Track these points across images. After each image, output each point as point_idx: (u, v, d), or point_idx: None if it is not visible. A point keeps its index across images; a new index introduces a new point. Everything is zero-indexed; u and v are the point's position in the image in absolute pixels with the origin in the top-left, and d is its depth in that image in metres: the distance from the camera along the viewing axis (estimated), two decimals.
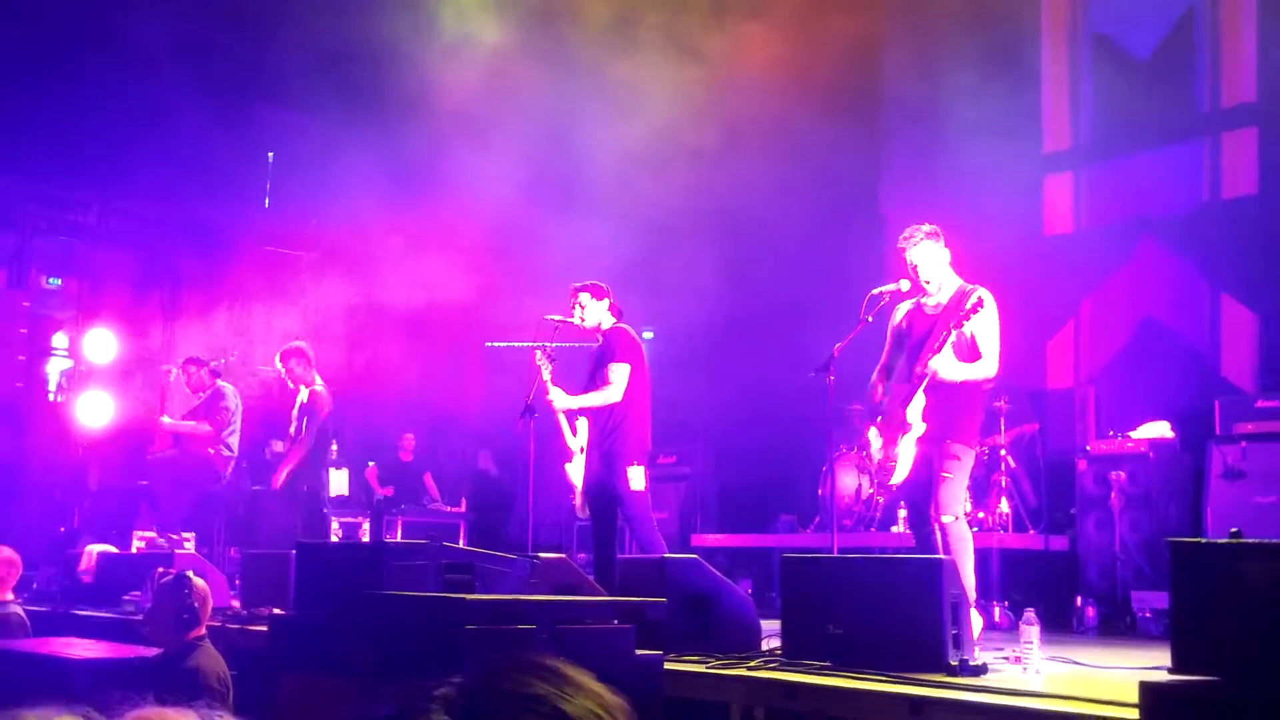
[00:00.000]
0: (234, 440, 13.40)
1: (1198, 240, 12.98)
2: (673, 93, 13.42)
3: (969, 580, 7.64)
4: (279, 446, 13.46)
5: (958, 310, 7.96)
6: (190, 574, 7.43)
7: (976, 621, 7.62)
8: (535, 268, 13.88)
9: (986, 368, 8.02)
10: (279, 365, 13.07)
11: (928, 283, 8.28)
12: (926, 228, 8.33)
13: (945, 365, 7.90)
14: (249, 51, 15.44)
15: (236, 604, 10.14)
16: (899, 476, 8.12)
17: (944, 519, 7.91)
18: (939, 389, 7.96)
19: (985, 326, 7.99)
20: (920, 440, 8.04)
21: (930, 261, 8.27)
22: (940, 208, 13.91)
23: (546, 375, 9.78)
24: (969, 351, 8.01)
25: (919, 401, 7.97)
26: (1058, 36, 14.67)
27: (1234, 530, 4.36)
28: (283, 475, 12.57)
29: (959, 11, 14.53)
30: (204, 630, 7.32)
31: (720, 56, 13.68)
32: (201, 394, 13.64)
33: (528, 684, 1.41)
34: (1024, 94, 14.39)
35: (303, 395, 12.75)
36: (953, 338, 7.90)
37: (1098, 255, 13.82)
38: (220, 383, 13.61)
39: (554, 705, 1.39)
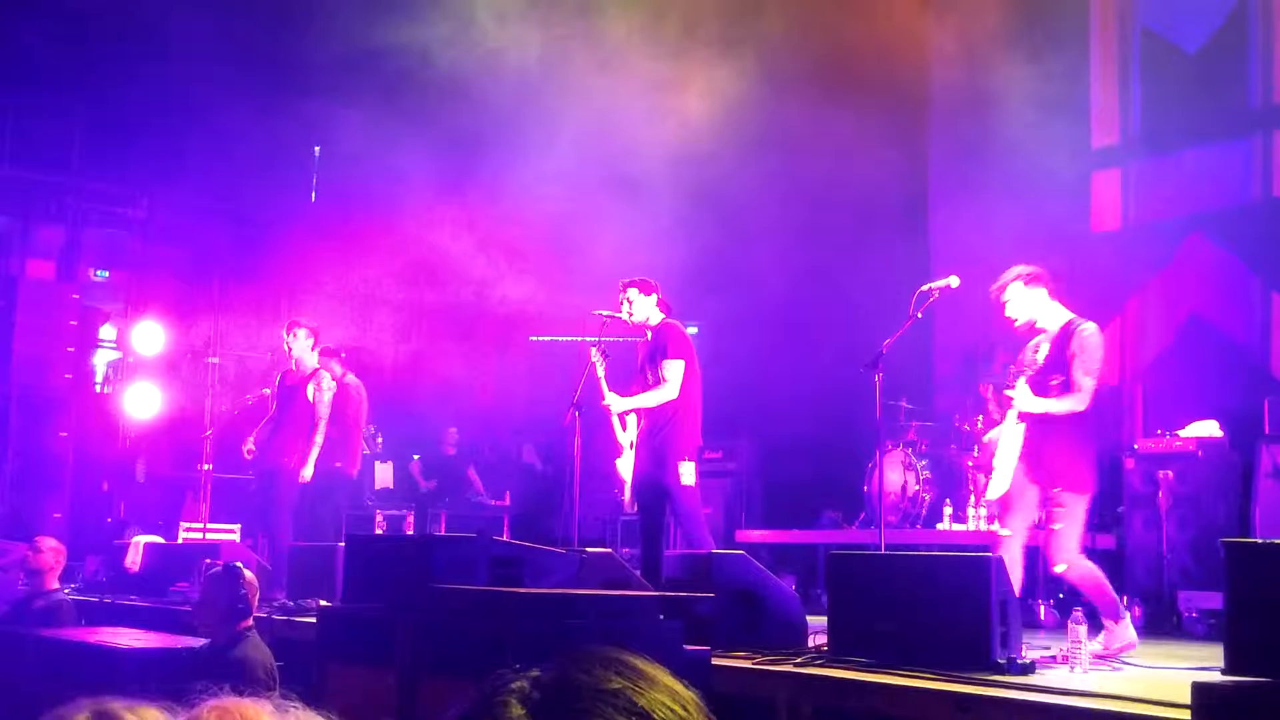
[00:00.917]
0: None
1: (1248, 237, 12.86)
2: (720, 89, 13.41)
3: (1108, 600, 7.65)
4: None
5: (1066, 343, 7.82)
6: (240, 565, 7.48)
7: (1128, 632, 7.66)
8: (582, 262, 13.88)
9: (1072, 401, 7.75)
10: (288, 336, 12.33)
11: (1028, 327, 8.13)
12: (1011, 274, 8.12)
13: (1021, 397, 7.78)
14: (296, 46, 15.50)
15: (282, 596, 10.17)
16: (993, 493, 8.01)
17: (1056, 569, 7.79)
18: (1031, 424, 7.82)
19: (1079, 357, 7.82)
20: (1020, 470, 7.90)
21: (1024, 307, 8.04)
22: (988, 203, 13.91)
23: (600, 372, 9.76)
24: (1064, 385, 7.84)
25: (1011, 430, 7.86)
26: (1107, 30, 14.57)
27: None
28: (312, 460, 12.05)
29: (1006, 5, 14.45)
30: (252, 621, 7.36)
31: (765, 51, 13.66)
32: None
33: (604, 677, 1.41)
34: (1072, 88, 14.29)
35: (325, 380, 12.23)
36: (1022, 381, 7.77)
37: (1145, 252, 13.73)
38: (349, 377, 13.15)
39: (630, 699, 1.39)
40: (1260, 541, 4.61)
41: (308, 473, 12.05)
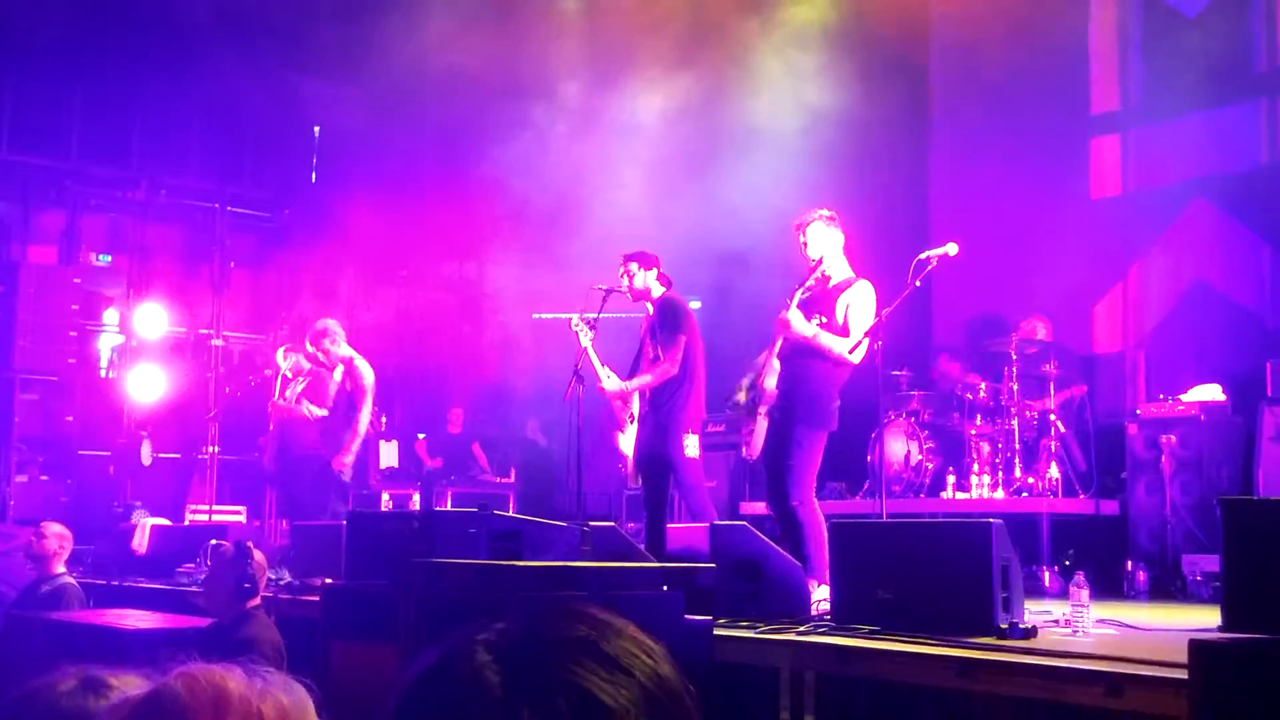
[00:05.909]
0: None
1: (1255, 202, 12.75)
2: (713, 60, 13.39)
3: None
4: (315, 411, 12.62)
5: None
6: (250, 544, 7.49)
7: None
8: (584, 238, 13.86)
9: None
10: (311, 349, 12.45)
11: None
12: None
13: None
14: (295, 26, 15.47)
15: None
16: None
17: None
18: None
19: None
20: None
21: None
22: (987, 171, 13.87)
23: (586, 341, 9.73)
24: None
25: None
26: None
27: None
28: (352, 453, 12.12)
29: None
30: (260, 600, 7.38)
31: (767, 20, 13.64)
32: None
33: (569, 628, 1.43)
34: (1072, 55, 14.21)
35: (359, 368, 12.23)
36: None
37: (1146, 218, 13.67)
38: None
39: (596, 645, 1.41)
40: (1256, 499, 4.62)
41: (347, 459, 12.14)
